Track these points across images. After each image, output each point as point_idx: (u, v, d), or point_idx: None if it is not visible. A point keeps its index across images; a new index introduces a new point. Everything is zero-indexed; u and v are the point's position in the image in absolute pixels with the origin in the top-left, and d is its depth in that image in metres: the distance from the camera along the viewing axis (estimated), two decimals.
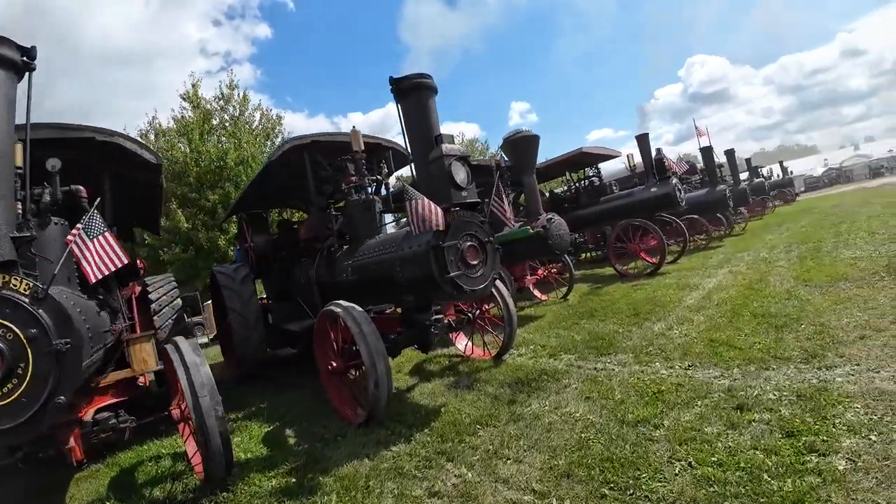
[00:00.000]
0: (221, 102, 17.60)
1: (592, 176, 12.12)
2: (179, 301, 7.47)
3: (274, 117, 19.10)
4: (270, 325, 8.16)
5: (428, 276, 4.73)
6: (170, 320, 6.99)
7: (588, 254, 14.00)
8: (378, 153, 7.13)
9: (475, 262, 4.88)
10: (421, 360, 6.97)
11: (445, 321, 5.90)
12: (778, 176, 32.30)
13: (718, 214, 14.40)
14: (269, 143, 18.20)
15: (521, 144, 8.39)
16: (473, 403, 4.84)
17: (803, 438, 3.00)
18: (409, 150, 5.23)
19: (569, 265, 9.34)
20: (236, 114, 17.74)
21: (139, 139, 5.50)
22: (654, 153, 10.79)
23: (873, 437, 2.88)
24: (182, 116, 17.19)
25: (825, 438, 2.96)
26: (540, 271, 9.89)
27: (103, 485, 4.62)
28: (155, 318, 6.98)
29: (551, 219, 8.13)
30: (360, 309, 4.94)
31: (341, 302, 5.08)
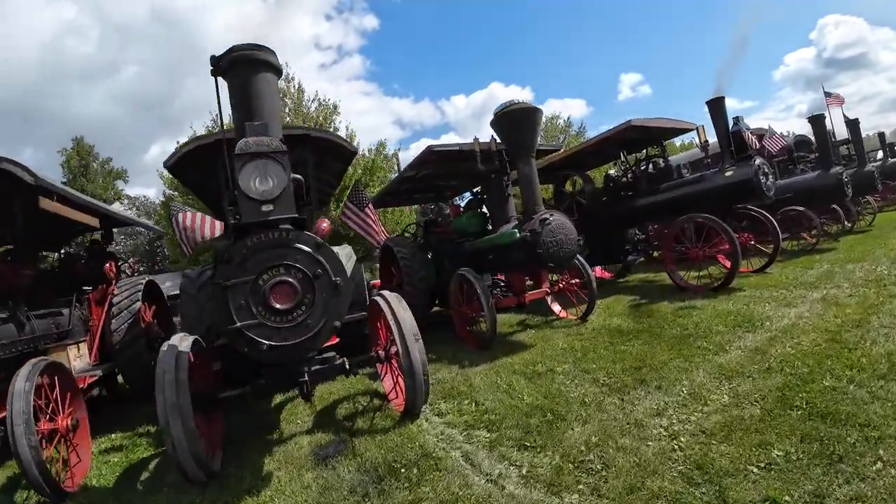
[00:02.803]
0: (279, 96, 17.22)
1: (655, 156, 8.98)
2: (137, 305, 7.00)
3: (331, 106, 18.36)
4: None
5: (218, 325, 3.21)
6: (125, 324, 6.61)
7: (656, 252, 10.76)
8: (301, 147, 5.50)
9: (286, 307, 3.13)
10: (355, 392, 5.46)
11: (339, 362, 4.19)
12: None
13: (834, 205, 10.06)
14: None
15: (514, 120, 6.03)
16: (297, 493, 3.33)
17: None
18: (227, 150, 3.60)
19: (589, 278, 6.76)
20: (293, 106, 17.24)
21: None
22: (731, 124, 7.48)
23: None
24: None
25: None
26: (561, 281, 7.42)
27: None
28: (113, 321, 6.64)
29: (546, 220, 5.75)
30: (181, 349, 3.73)
31: (176, 336, 3.99)
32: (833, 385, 3.41)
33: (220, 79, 3.76)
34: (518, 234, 5.84)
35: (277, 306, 3.17)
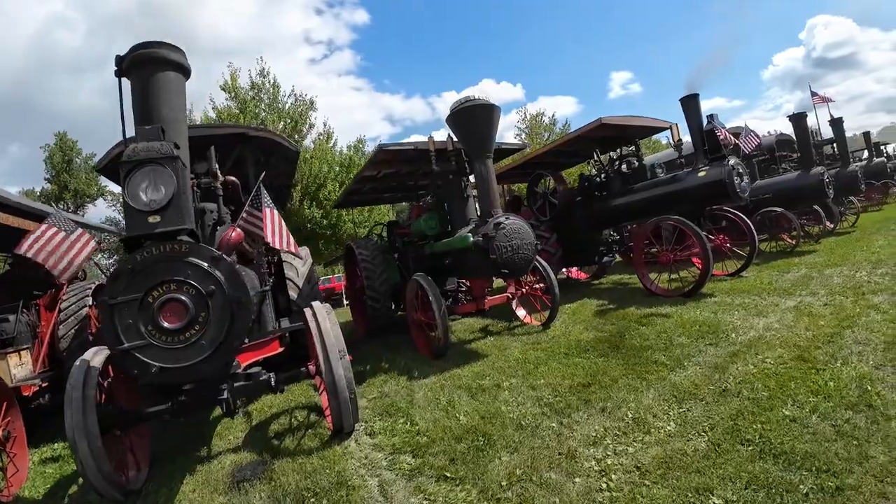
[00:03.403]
0: (254, 91, 16.74)
1: (628, 156, 8.56)
2: (85, 311, 6.61)
3: (307, 101, 17.92)
4: None
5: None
6: (72, 330, 6.37)
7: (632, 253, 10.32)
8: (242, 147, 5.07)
9: (177, 326, 2.78)
10: (295, 406, 5.08)
11: (264, 377, 3.83)
12: None
13: (815, 206, 9.63)
14: (297, 126, 17.06)
15: (470, 118, 5.60)
16: None
17: None
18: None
19: (551, 283, 6.36)
20: (269, 101, 16.77)
21: None
22: (704, 122, 7.06)
23: None
24: (214, 107, 16.67)
25: None
26: (525, 285, 7.02)
27: None
28: (60, 326, 6.40)
29: (500, 224, 5.34)
30: (93, 365, 3.44)
31: (90, 350, 3.65)
32: (793, 415, 3.00)
33: (125, 80, 3.39)
34: (471, 239, 5.43)
35: (167, 326, 2.82)
